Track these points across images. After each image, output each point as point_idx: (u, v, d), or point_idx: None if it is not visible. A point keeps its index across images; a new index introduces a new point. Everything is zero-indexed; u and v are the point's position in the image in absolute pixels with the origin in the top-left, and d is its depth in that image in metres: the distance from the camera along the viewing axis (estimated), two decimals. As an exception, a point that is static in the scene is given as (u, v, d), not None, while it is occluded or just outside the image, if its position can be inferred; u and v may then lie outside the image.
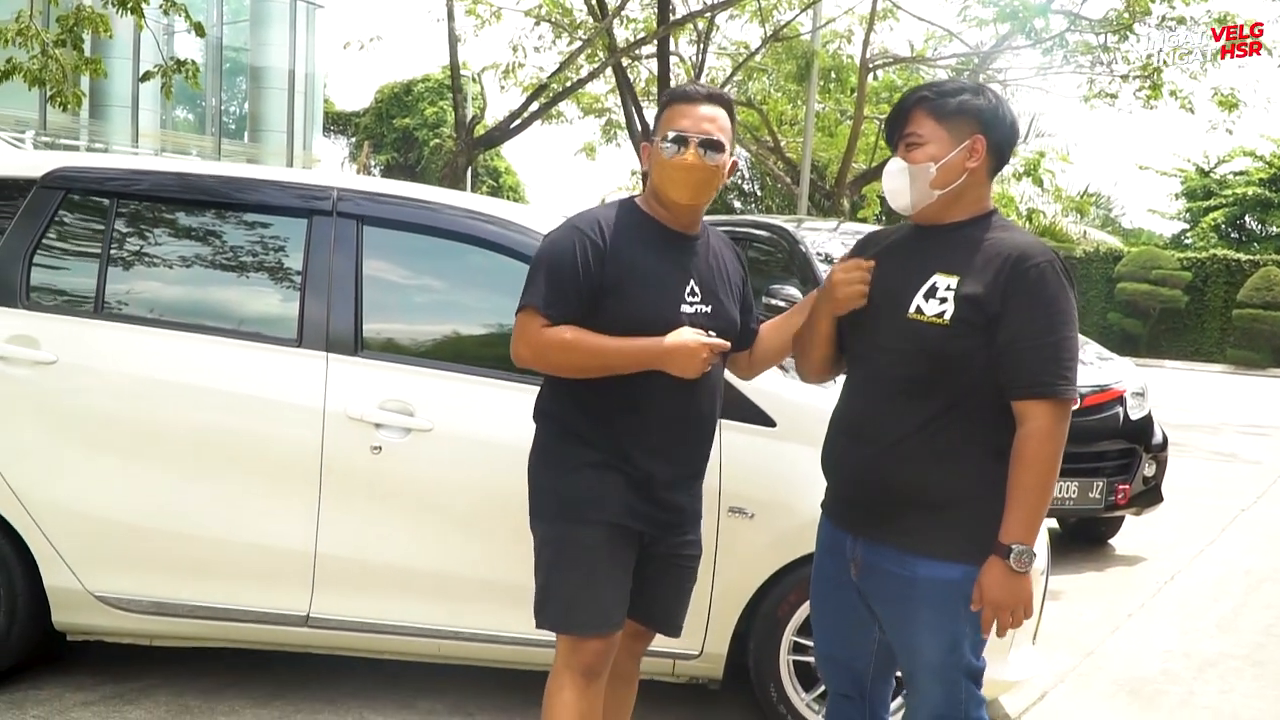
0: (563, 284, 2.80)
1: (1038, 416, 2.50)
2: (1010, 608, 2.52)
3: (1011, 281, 2.52)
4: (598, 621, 2.88)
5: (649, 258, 2.88)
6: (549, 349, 2.82)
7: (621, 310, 2.82)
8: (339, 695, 4.12)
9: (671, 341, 2.81)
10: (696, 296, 2.92)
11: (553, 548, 2.92)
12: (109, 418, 3.85)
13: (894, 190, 2.71)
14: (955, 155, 2.62)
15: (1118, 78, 15.89)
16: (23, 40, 9.28)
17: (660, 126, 2.94)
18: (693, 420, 2.96)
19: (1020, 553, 2.49)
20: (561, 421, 2.94)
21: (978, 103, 2.65)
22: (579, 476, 2.88)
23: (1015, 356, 2.51)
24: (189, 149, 33.56)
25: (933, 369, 2.58)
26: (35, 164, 4.15)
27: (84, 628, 3.99)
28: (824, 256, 7.99)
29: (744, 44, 19.58)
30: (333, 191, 4.07)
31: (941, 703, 2.67)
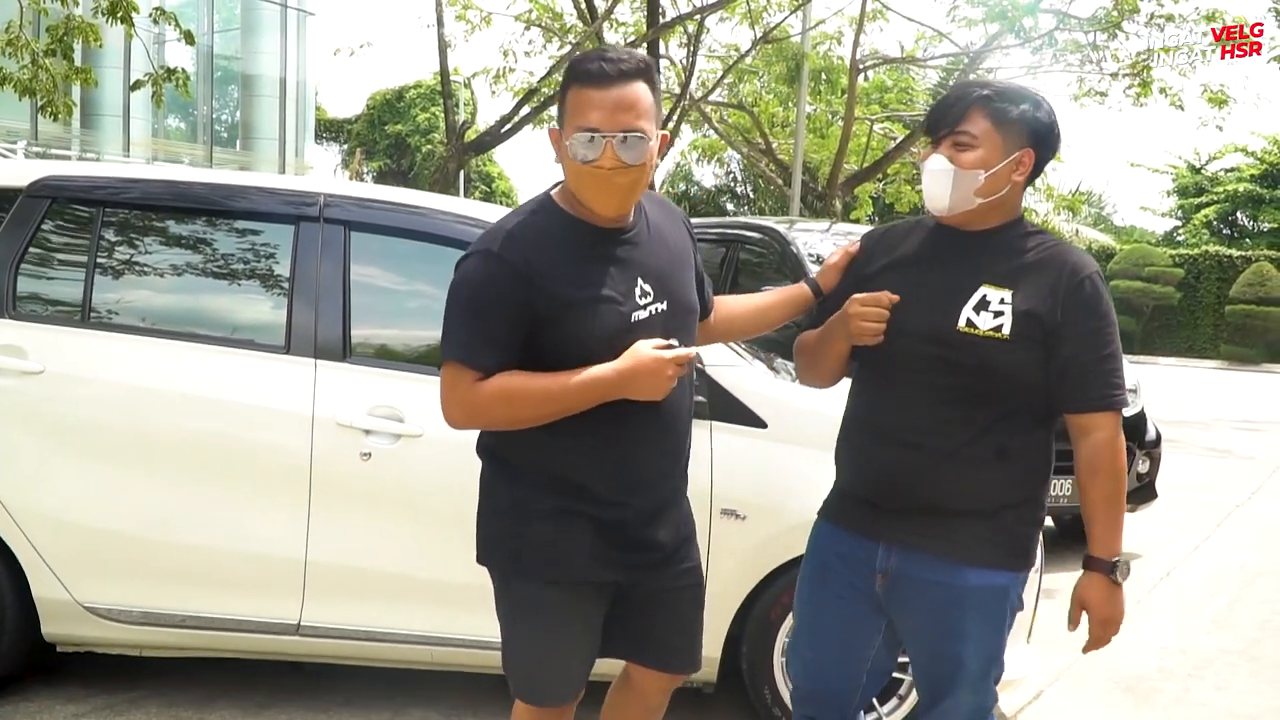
0: (487, 327, 2.36)
1: (1104, 427, 2.50)
2: (1118, 621, 2.54)
3: (1069, 295, 2.49)
4: (557, 694, 2.61)
5: (584, 268, 2.42)
6: (488, 407, 2.38)
7: (567, 341, 2.40)
8: (331, 704, 4.10)
9: (629, 364, 2.38)
10: (649, 296, 2.49)
11: (509, 606, 2.59)
12: (97, 427, 3.84)
13: (935, 192, 2.56)
14: (1005, 166, 2.52)
15: (1107, 76, 15.89)
16: (12, 50, 9.26)
17: (565, 112, 2.41)
18: (666, 444, 2.58)
19: (1122, 565, 2.50)
20: (509, 461, 2.54)
21: (1038, 116, 2.55)
22: (534, 529, 2.49)
23: (1079, 371, 2.49)
24: (181, 157, 33.52)
25: (983, 380, 2.51)
26: (20, 173, 4.13)
27: (73, 638, 3.96)
28: (815, 258, 7.98)
29: (734, 46, 19.57)
30: (319, 197, 4.05)
31: (973, 711, 2.65)
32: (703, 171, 32.09)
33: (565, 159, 2.43)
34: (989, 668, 2.62)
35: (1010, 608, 2.59)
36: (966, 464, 2.53)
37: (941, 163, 2.53)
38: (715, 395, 3.81)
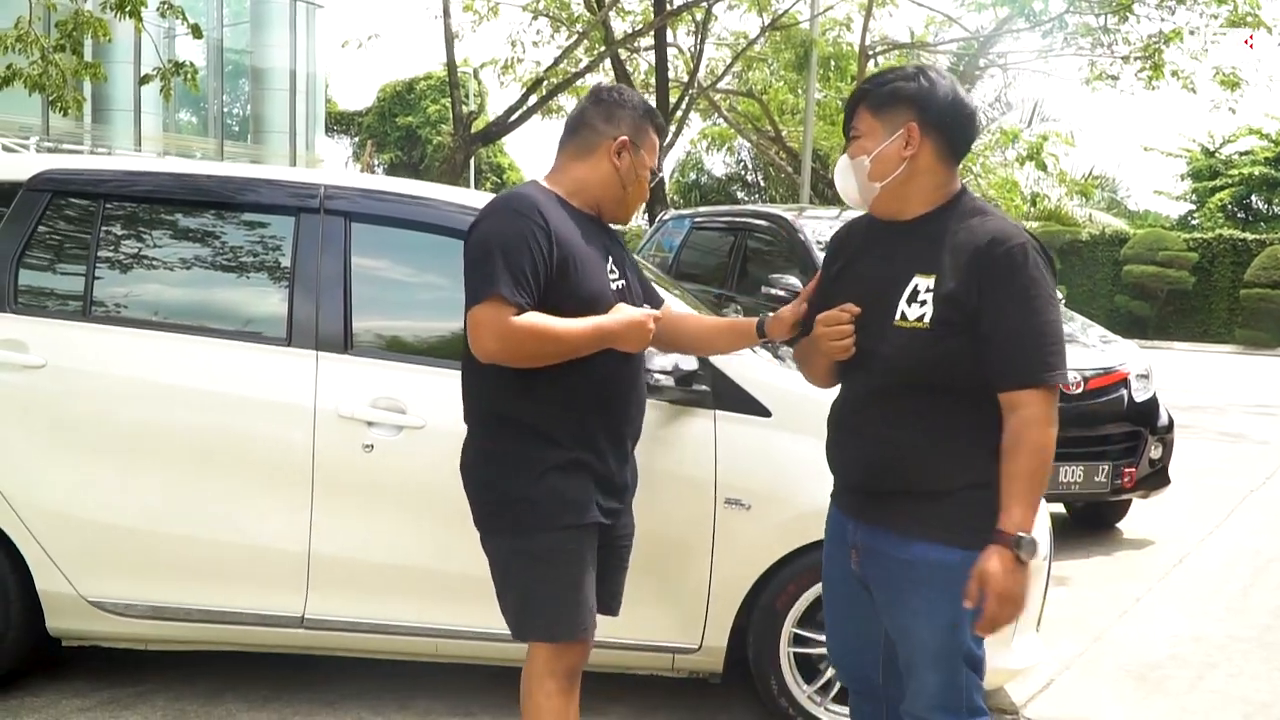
0: (523, 268, 2.67)
1: (1029, 404, 2.45)
2: (1015, 597, 2.46)
3: (983, 270, 2.45)
4: (583, 627, 2.85)
5: (581, 238, 2.84)
6: (522, 339, 2.68)
7: (572, 290, 2.76)
8: (337, 696, 4.09)
9: (624, 317, 2.81)
10: (615, 273, 2.94)
11: (530, 558, 2.82)
12: (99, 420, 3.83)
13: (842, 188, 2.69)
14: (889, 145, 2.55)
15: (1118, 59, 15.81)
16: (22, 46, 9.30)
17: (646, 143, 2.97)
18: (637, 397, 3.00)
19: (1027, 542, 2.43)
20: (518, 424, 2.82)
21: (908, 88, 2.56)
22: (549, 481, 2.79)
23: (997, 348, 2.45)
24: (192, 152, 33.59)
25: (921, 371, 2.53)
26: (21, 167, 4.12)
27: (79, 633, 3.96)
28: (823, 245, 7.94)
29: (742, 34, 19.54)
30: (320, 189, 4.03)
31: (941, 690, 2.61)
32: (713, 160, 32.01)
33: (636, 174, 2.95)
34: (951, 646, 2.58)
35: (964, 583, 2.48)
36: (911, 448, 2.56)
37: (842, 161, 2.67)
38: (719, 384, 3.78)
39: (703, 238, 9.78)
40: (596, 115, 2.93)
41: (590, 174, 2.93)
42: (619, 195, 2.96)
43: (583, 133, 2.94)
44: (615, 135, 2.91)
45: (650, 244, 10.65)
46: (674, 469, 3.77)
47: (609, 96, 2.98)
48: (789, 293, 7.46)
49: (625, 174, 2.93)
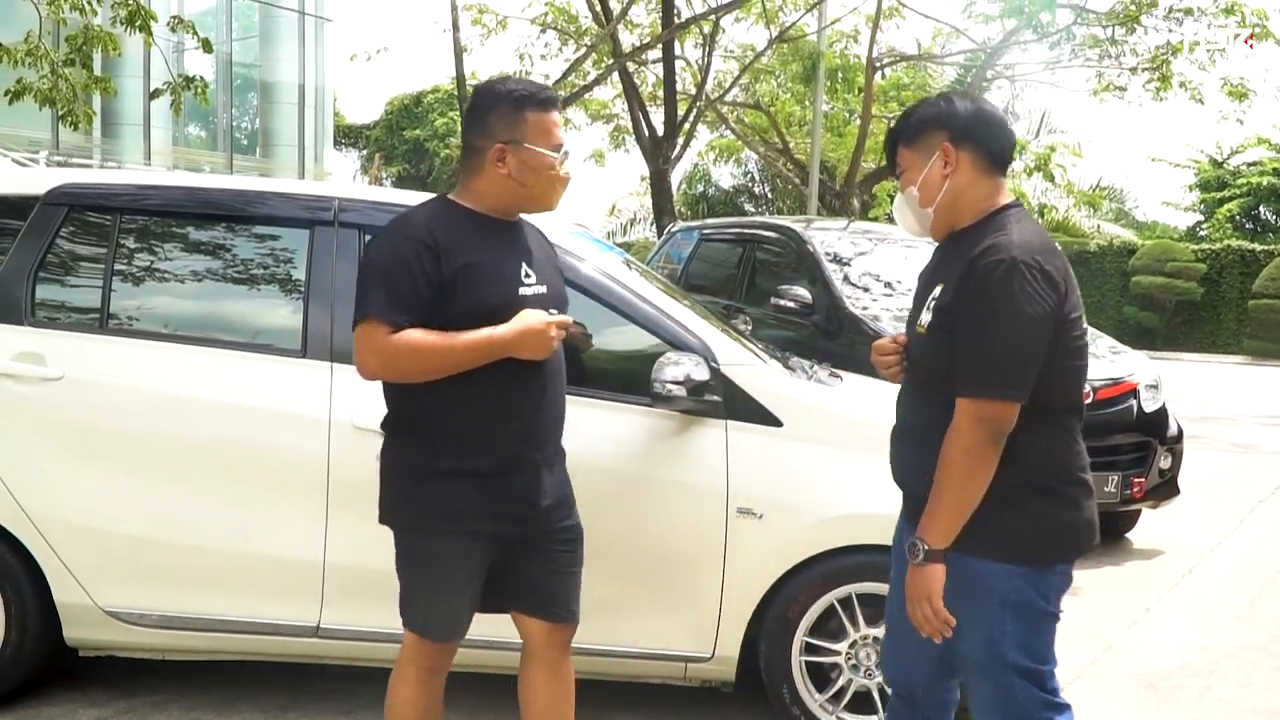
0: (401, 288, 2.74)
1: (960, 413, 2.52)
2: (913, 599, 2.61)
3: (965, 279, 2.54)
4: (450, 632, 2.98)
5: (481, 246, 2.86)
6: (398, 356, 2.75)
7: (466, 302, 2.78)
8: (352, 706, 4.11)
9: (518, 326, 2.79)
10: (531, 278, 2.93)
11: (409, 557, 2.95)
12: (116, 432, 3.86)
13: (903, 223, 2.81)
14: (930, 170, 2.66)
15: (1126, 70, 15.82)
16: (32, 60, 9.34)
17: (526, 132, 2.87)
18: (546, 404, 2.96)
19: (910, 545, 2.60)
20: (411, 428, 2.90)
21: (931, 111, 2.69)
22: (431, 487, 2.86)
23: (960, 354, 2.54)
24: (202, 165, 33.66)
25: (928, 375, 2.69)
26: (38, 181, 4.16)
27: (95, 643, 3.99)
28: (832, 256, 7.98)
29: (750, 46, 19.59)
30: (334, 202, 4.07)
31: (994, 700, 2.68)
32: (720, 172, 32.06)
33: (537, 168, 2.88)
34: (991, 657, 2.63)
35: (1002, 598, 2.59)
36: (927, 457, 2.62)
37: (898, 200, 2.80)
38: (731, 394, 3.80)
39: (711, 249, 9.82)
40: (471, 130, 2.93)
41: (487, 186, 2.92)
42: (524, 194, 2.92)
43: (467, 151, 2.96)
44: (490, 145, 2.88)
45: (659, 255, 10.68)
46: (686, 479, 3.80)
47: (478, 102, 2.93)
48: (798, 303, 7.50)
49: (518, 174, 2.88)
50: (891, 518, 3.79)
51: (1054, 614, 2.70)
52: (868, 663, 3.87)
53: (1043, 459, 2.60)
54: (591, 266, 4.01)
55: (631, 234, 33.81)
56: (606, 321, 3.96)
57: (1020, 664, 2.63)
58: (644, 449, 3.82)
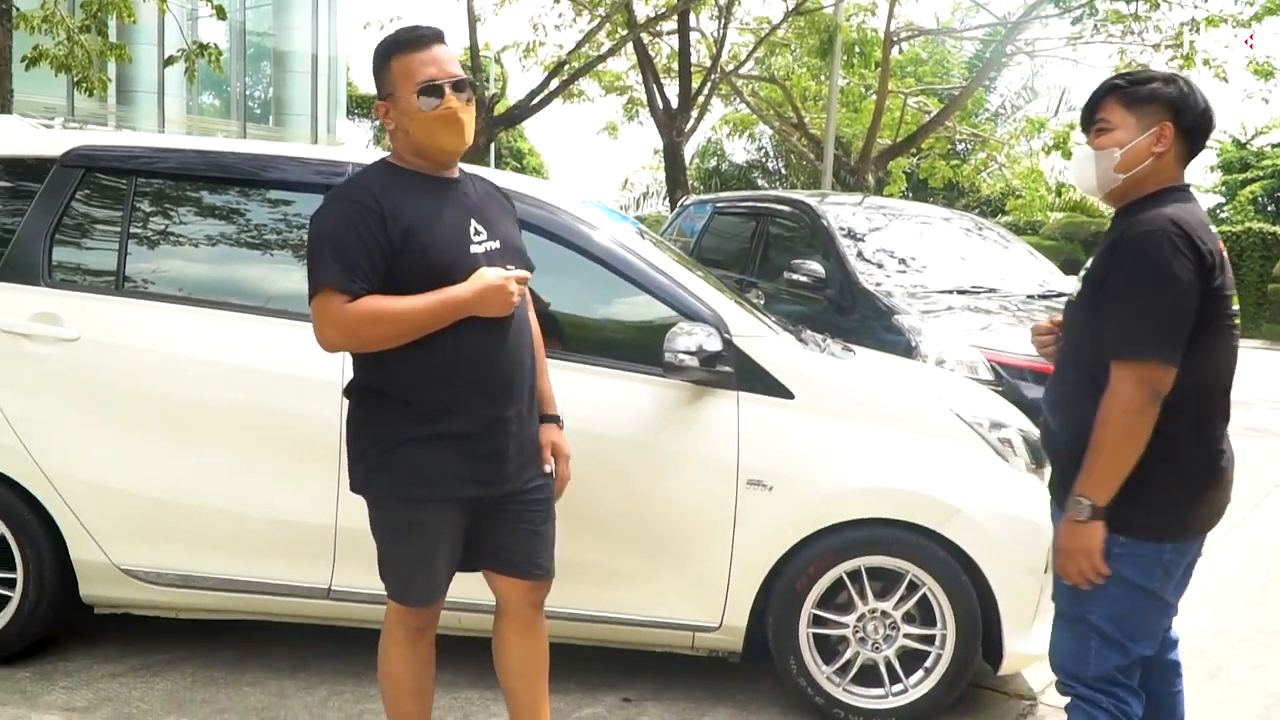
0: (352, 255, 2.69)
1: (1116, 375, 2.60)
2: (1068, 552, 2.70)
3: (1113, 248, 2.65)
4: (428, 596, 2.97)
5: (426, 206, 2.81)
6: (358, 325, 2.72)
7: (417, 264, 2.74)
8: (361, 667, 4.14)
9: (477, 285, 2.75)
10: (482, 234, 2.88)
11: (386, 525, 2.95)
12: (132, 393, 3.89)
13: (1080, 176, 2.83)
14: (1142, 140, 2.71)
15: (1149, 47, 15.67)
16: (48, 27, 9.33)
17: (394, 81, 2.81)
18: (511, 360, 2.90)
19: (1074, 503, 2.66)
20: (380, 395, 2.86)
21: (1168, 90, 2.72)
22: (404, 454, 2.83)
23: (1108, 319, 2.64)
24: (215, 134, 33.67)
25: (1075, 345, 2.80)
26: (54, 143, 4.17)
27: (111, 600, 4.04)
28: (846, 231, 7.95)
29: (765, 19, 19.48)
30: (348, 166, 4.06)
31: (1069, 654, 2.82)
32: (734, 146, 31.98)
33: (411, 117, 2.80)
34: (1075, 609, 2.78)
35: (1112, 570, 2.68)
36: (1060, 422, 2.81)
37: (1082, 150, 2.82)
38: (742, 365, 3.81)
39: (724, 223, 9.79)
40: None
41: (396, 143, 2.90)
42: (415, 143, 2.84)
43: None
44: (377, 102, 2.88)
45: (672, 229, 10.66)
46: (696, 449, 3.80)
47: (372, 65, 2.91)
48: (811, 278, 7.48)
49: (401, 126, 2.83)
50: (902, 491, 3.83)
51: (1149, 590, 2.73)
52: (875, 636, 3.88)
53: (1173, 437, 2.64)
54: (604, 235, 4.01)
55: (644, 208, 33.76)
56: (619, 291, 3.97)
57: (1102, 629, 2.74)
58: (655, 419, 3.83)
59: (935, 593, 3.83)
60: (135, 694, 3.87)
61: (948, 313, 7.12)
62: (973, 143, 22.57)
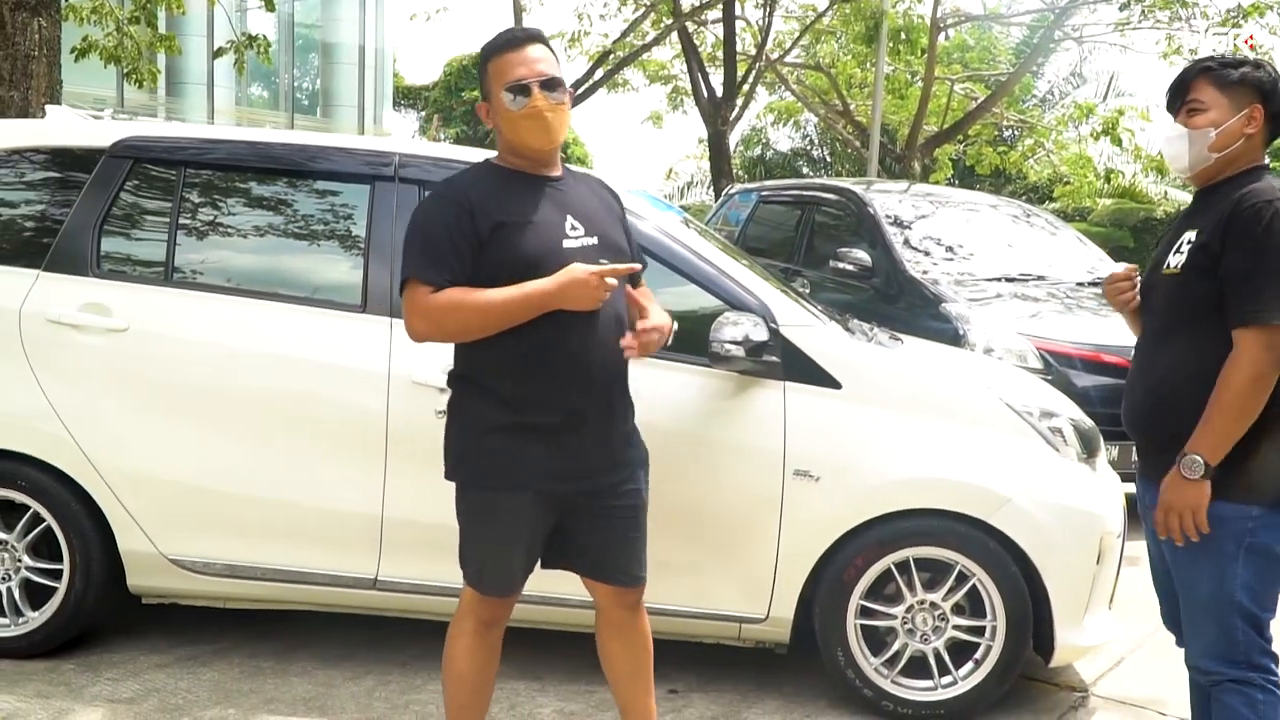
0: (438, 248, 2.79)
1: (1240, 342, 2.66)
2: (1174, 509, 2.74)
3: (1230, 220, 2.70)
4: (504, 587, 3.00)
5: (519, 202, 2.88)
6: (442, 314, 2.79)
7: (505, 256, 2.81)
8: (408, 657, 4.16)
9: (563, 276, 2.77)
10: (579, 230, 2.92)
11: (468, 512, 2.98)
12: (180, 383, 3.91)
13: (1174, 154, 2.90)
14: (1235, 121, 2.81)
15: (1197, 32, 15.44)
16: (98, 18, 9.41)
17: (491, 80, 2.91)
18: (596, 356, 2.90)
19: (1188, 460, 2.69)
20: (471, 384, 2.92)
21: (1259, 75, 2.83)
22: (489, 442, 2.88)
23: (1227, 289, 2.69)
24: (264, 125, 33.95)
25: (1176, 316, 2.83)
26: (103, 134, 4.20)
27: (158, 591, 4.06)
28: (893, 219, 7.88)
29: (811, 6, 19.32)
30: (394, 157, 4.07)
31: (1217, 642, 2.81)
32: (778, 134, 31.78)
33: (502, 116, 2.89)
34: (1221, 596, 2.78)
35: (1238, 540, 2.73)
36: (1167, 398, 2.83)
37: (1176, 129, 2.88)
38: (788, 355, 3.78)
39: (769, 212, 9.74)
40: None
41: (498, 142, 3.00)
42: (510, 141, 2.93)
43: None
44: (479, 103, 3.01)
45: (716, 218, 10.62)
46: (743, 440, 3.78)
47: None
48: (857, 267, 7.43)
49: (497, 125, 2.93)
50: (950, 481, 3.78)
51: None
52: (924, 627, 3.84)
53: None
54: (650, 225, 3.99)
55: (689, 197, 33.65)
56: (664, 280, 3.93)
57: (1245, 607, 2.77)
58: (701, 409, 3.80)
59: (985, 584, 3.78)
60: (182, 685, 3.90)
61: (996, 300, 7.06)
62: (1020, 129, 22.32)
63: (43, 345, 3.93)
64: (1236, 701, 2.81)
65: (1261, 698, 2.79)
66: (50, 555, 4.00)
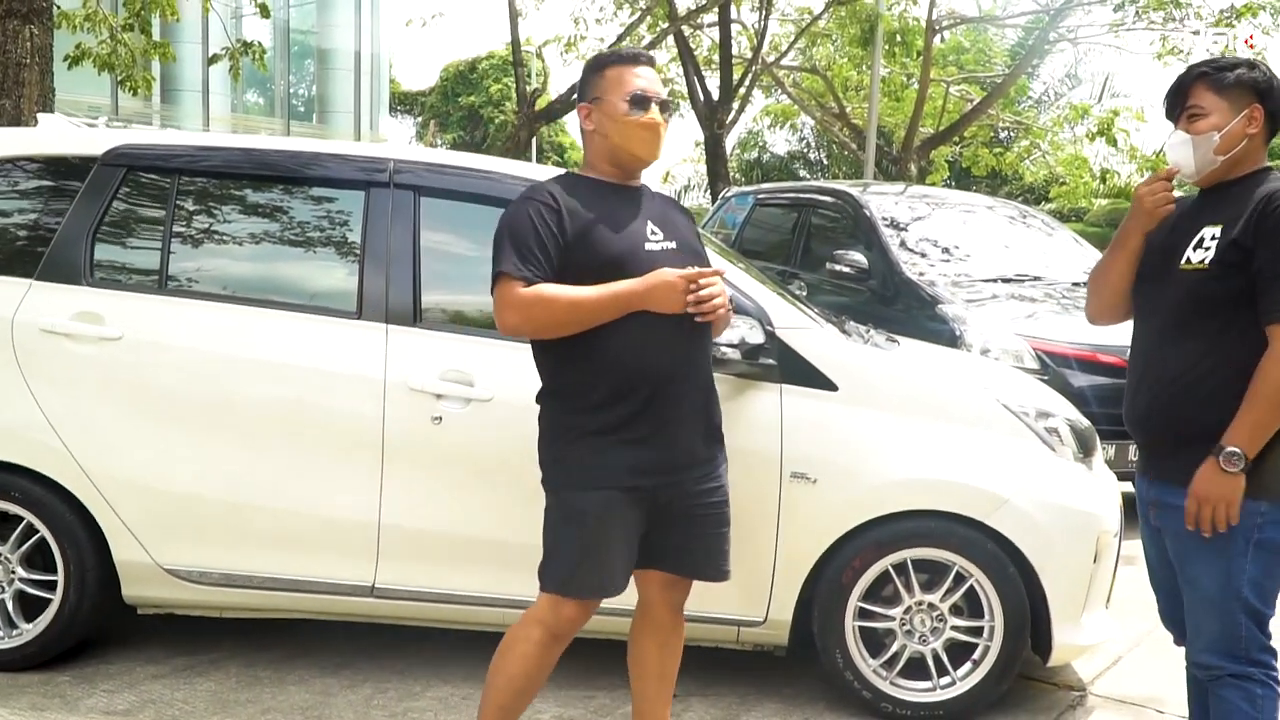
0: (528, 245, 2.89)
1: (1276, 338, 2.70)
2: (1210, 501, 2.74)
3: (1261, 219, 2.73)
4: (598, 588, 2.99)
5: (604, 206, 3.00)
6: (532, 308, 2.87)
7: (590, 256, 2.92)
8: (406, 665, 4.15)
9: (650, 278, 2.88)
10: (658, 234, 3.04)
11: (560, 515, 3.01)
12: (174, 392, 3.90)
13: (1180, 160, 2.92)
14: (1237, 123, 2.85)
15: (1190, 34, 15.46)
16: (91, 25, 9.40)
17: (604, 87, 3.05)
18: (678, 357, 2.98)
19: (1229, 454, 2.71)
20: (560, 392, 3.02)
21: (1255, 75, 2.88)
22: (578, 447, 2.96)
23: (1263, 286, 2.72)
24: (259, 132, 33.95)
25: (1197, 312, 2.82)
26: (96, 142, 4.19)
27: (154, 601, 4.05)
28: (889, 221, 7.88)
29: (807, 9, 19.33)
30: (389, 163, 4.07)
31: (1220, 637, 2.84)
32: (775, 137, 31.83)
33: (615, 120, 3.02)
34: (1225, 590, 2.80)
35: (1246, 535, 2.76)
36: (1185, 394, 2.82)
37: (1179, 136, 2.92)
38: (785, 357, 3.77)
39: (766, 214, 9.74)
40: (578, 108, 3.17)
41: (589, 149, 3.12)
42: (611, 146, 3.04)
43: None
44: (580, 104, 3.12)
45: (713, 221, 10.61)
46: (739, 443, 3.73)
47: (582, 73, 3.21)
48: (854, 269, 7.42)
49: (600, 127, 3.05)
50: (947, 483, 3.77)
51: None
52: (922, 629, 3.84)
53: None
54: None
55: (686, 200, 33.72)
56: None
57: (1250, 603, 2.80)
58: (698, 412, 3.79)
59: (982, 584, 3.78)
60: (178, 695, 3.88)
61: (992, 301, 7.05)
62: (1016, 130, 22.34)
63: (36, 355, 3.92)
64: (1236, 696, 2.83)
65: (1261, 693, 2.81)
66: (44, 566, 3.99)
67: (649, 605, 3.20)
